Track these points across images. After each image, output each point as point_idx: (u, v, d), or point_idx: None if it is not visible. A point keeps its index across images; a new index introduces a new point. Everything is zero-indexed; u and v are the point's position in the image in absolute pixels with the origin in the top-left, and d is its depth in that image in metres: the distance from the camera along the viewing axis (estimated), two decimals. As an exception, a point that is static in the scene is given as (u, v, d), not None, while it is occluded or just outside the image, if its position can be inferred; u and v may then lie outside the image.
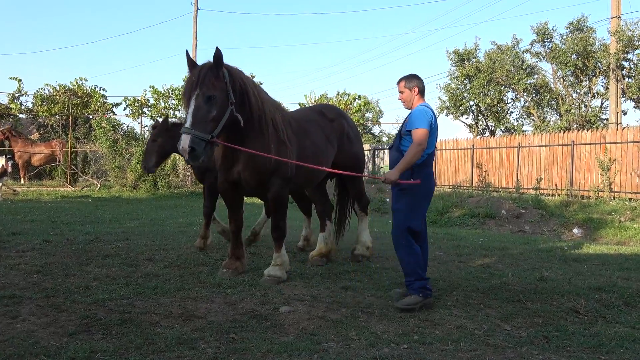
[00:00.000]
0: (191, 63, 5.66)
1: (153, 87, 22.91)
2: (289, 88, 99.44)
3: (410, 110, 5.58)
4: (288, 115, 6.70)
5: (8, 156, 16.91)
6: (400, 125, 5.83)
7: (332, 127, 7.21)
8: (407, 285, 5.40)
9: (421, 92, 5.63)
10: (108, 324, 4.52)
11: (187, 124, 5.29)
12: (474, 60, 33.73)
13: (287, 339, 4.31)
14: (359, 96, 25.87)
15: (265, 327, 4.58)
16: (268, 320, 4.77)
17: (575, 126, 27.78)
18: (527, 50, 31.88)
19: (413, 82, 5.61)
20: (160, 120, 8.04)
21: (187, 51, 5.84)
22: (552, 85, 31.76)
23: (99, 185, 22.20)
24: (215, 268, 6.76)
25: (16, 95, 23.62)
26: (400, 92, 5.68)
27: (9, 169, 16.54)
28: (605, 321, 5.01)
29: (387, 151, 27.26)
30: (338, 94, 26.97)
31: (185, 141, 5.18)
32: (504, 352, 4.18)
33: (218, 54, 5.49)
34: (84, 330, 4.36)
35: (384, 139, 46.79)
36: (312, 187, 7.60)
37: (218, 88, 5.46)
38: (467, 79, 32.98)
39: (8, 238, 8.56)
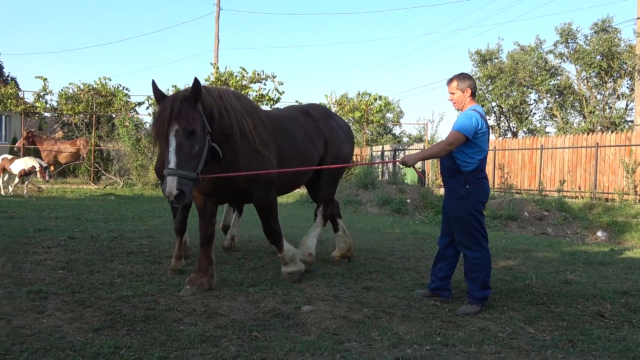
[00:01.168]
0: (159, 94, 5.03)
1: (175, 86, 23.08)
2: (310, 88, 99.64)
3: (460, 112, 5.48)
4: (264, 115, 6.02)
5: (45, 165, 17.14)
6: None
7: (316, 127, 6.76)
8: (469, 293, 5.35)
9: (473, 94, 5.44)
10: (132, 320, 4.56)
11: (172, 165, 4.74)
12: (496, 60, 33.51)
13: (310, 338, 4.31)
14: (380, 96, 25.78)
15: (288, 326, 4.58)
16: (290, 319, 4.78)
17: (599, 128, 27.43)
18: (550, 51, 31.60)
19: (466, 83, 5.40)
20: None
21: (153, 81, 5.08)
22: (575, 87, 31.40)
23: (121, 184, 22.44)
24: (236, 267, 6.79)
25: (41, 94, 23.94)
26: (452, 93, 5.45)
27: (46, 177, 16.81)
28: (632, 326, 4.93)
29: (407, 151, 27.15)
30: (359, 94, 26.94)
31: (172, 184, 4.68)
32: (528, 355, 4.13)
33: (197, 85, 4.91)
34: (109, 326, 4.41)
35: (405, 139, 46.63)
36: (295, 189, 7.23)
37: (198, 121, 4.93)
38: (490, 80, 32.74)
39: (34, 234, 8.69)
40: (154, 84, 5.07)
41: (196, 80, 4.94)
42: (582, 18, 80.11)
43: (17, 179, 17.14)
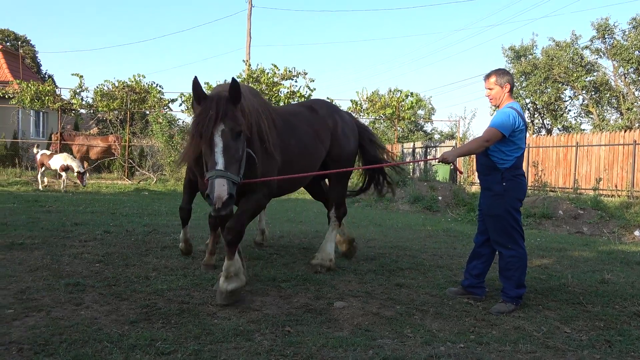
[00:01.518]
0: (201, 93, 4.67)
1: (207, 83, 23.26)
2: (341, 85, 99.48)
3: (497, 109, 5.38)
4: (274, 112, 5.66)
5: (82, 171, 17.44)
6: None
7: (324, 124, 6.42)
8: (503, 291, 5.30)
9: (512, 90, 5.35)
10: (167, 313, 4.62)
11: (219, 166, 4.39)
12: (530, 57, 33.00)
13: (342, 334, 4.31)
14: (412, 93, 25.59)
15: (320, 322, 4.59)
16: (322, 314, 4.78)
17: (637, 125, 26.80)
18: (586, 47, 31.00)
19: (505, 78, 5.30)
20: None
21: (195, 78, 4.69)
22: (612, 83, 30.74)
23: (155, 179, 22.75)
24: (269, 262, 6.83)
25: (78, 91, 24.36)
26: (489, 88, 5.35)
27: (84, 183, 17.11)
28: (672, 327, 4.81)
29: (439, 149, 26.93)
30: (390, 91, 26.77)
31: (222, 188, 4.30)
32: (565, 355, 4.07)
33: (236, 85, 4.61)
34: (144, 318, 4.48)
35: (436, 136, 46.26)
36: (297, 189, 6.94)
37: (243, 123, 4.69)
38: (524, 76, 32.28)
39: (71, 228, 8.87)
40: (195, 82, 4.68)
41: (234, 81, 4.65)
42: (619, 13, 78.33)
43: (63, 174, 17.52)
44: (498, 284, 5.95)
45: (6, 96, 24.46)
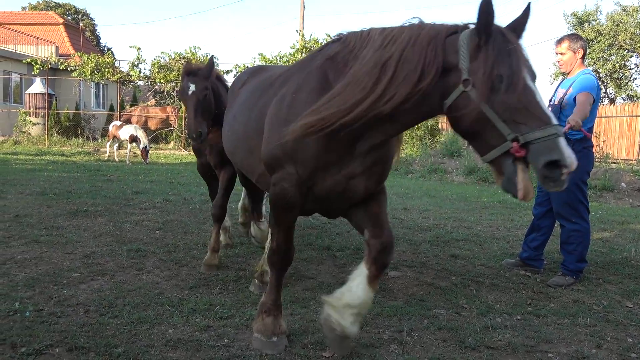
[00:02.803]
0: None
1: (261, 54, 23.35)
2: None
3: (567, 76, 5.18)
4: None
5: (147, 147, 17.74)
6: (553, 97, 5.27)
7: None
8: (563, 264, 5.18)
9: (584, 56, 5.14)
10: (225, 279, 4.74)
11: (555, 121, 2.60)
12: (594, 22, 31.62)
13: (397, 303, 4.31)
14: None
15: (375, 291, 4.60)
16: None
17: None
18: (656, 11, 29.42)
19: (578, 44, 5.08)
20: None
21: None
22: (683, 49, 29.19)
23: (210, 150, 23.09)
24: (323, 231, 6.88)
25: (135, 63, 24.85)
26: (561, 53, 5.13)
27: (146, 160, 17.46)
28: None
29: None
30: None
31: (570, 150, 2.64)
32: (626, 330, 3.96)
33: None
34: (203, 284, 4.60)
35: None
36: None
37: None
38: (587, 43, 31.03)
39: (132, 196, 9.15)
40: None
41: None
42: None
43: (129, 145, 18.01)
44: (557, 256, 5.82)
45: (68, 69, 25.19)
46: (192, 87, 4.91)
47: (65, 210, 7.59)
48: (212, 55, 5.36)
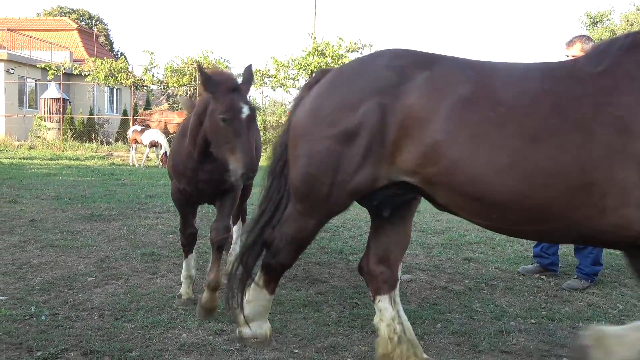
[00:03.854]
0: None
1: (274, 57, 23.39)
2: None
3: None
4: None
5: (166, 152, 17.73)
6: None
7: None
8: (579, 267, 5.14)
9: None
10: (238, 283, 4.75)
11: None
12: (608, 22, 31.40)
13: (410, 307, 4.30)
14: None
15: (388, 295, 4.60)
16: (390, 287, 4.79)
17: None
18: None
19: (590, 45, 4.99)
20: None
21: None
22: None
23: (223, 153, 23.13)
24: (336, 235, 6.88)
25: (149, 67, 25.00)
26: (574, 55, 4.95)
27: (165, 165, 17.42)
28: None
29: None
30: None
31: None
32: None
33: None
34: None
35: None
36: None
37: None
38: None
39: (145, 200, 9.21)
40: None
41: None
42: None
43: (147, 149, 18.08)
44: (571, 259, 5.78)
45: (82, 74, 25.40)
46: (246, 110, 3.64)
47: (79, 214, 7.66)
48: (250, 65, 4.14)
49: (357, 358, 3.41)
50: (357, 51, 24.01)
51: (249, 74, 4.07)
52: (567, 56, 5.15)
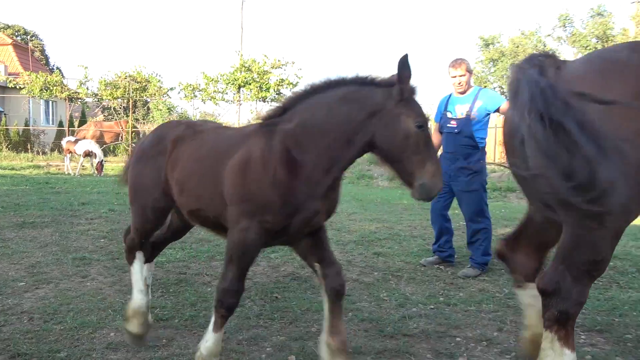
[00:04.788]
0: None
1: (204, 72, 23.02)
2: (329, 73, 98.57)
3: (460, 94, 5.33)
4: None
5: (102, 161, 17.08)
6: (446, 111, 5.39)
7: None
8: (471, 258, 5.34)
9: None
10: (166, 283, 4.63)
11: None
12: (498, 44, 32.96)
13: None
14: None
15: (305, 288, 4.62)
16: (307, 282, 4.81)
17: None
18: (548, 35, 30.96)
19: (470, 65, 5.36)
20: None
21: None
22: (572, 68, 30.79)
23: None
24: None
25: (83, 81, 24.04)
26: (462, 75, 5.25)
27: (101, 174, 16.73)
28: (619, 287, 4.88)
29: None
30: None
31: None
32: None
33: None
34: (145, 288, 4.47)
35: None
36: None
37: None
38: (492, 63, 32.26)
39: (78, 207, 8.80)
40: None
41: None
42: (579, 3, 78.12)
43: (82, 159, 17.34)
44: (465, 250, 6.01)
45: (17, 87, 24.10)
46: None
47: (12, 222, 7.23)
48: (406, 55, 2.61)
49: (276, 347, 3.40)
50: (281, 67, 24.00)
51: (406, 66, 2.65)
52: (454, 77, 5.33)
